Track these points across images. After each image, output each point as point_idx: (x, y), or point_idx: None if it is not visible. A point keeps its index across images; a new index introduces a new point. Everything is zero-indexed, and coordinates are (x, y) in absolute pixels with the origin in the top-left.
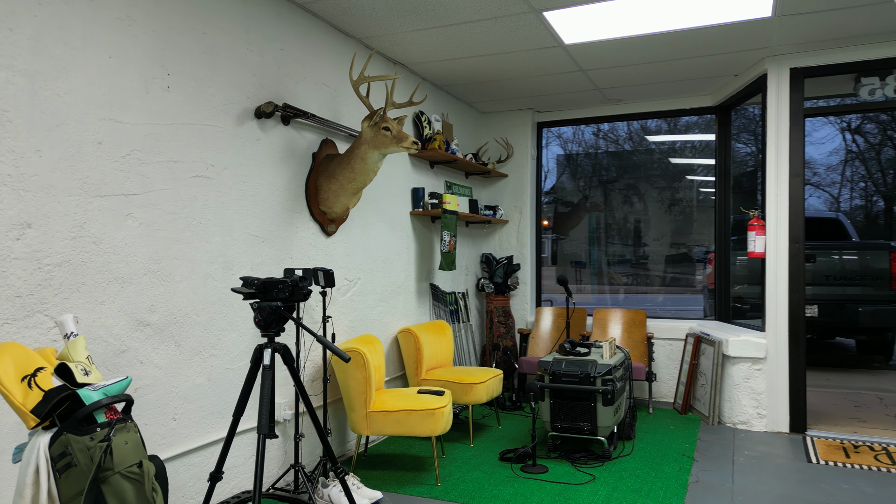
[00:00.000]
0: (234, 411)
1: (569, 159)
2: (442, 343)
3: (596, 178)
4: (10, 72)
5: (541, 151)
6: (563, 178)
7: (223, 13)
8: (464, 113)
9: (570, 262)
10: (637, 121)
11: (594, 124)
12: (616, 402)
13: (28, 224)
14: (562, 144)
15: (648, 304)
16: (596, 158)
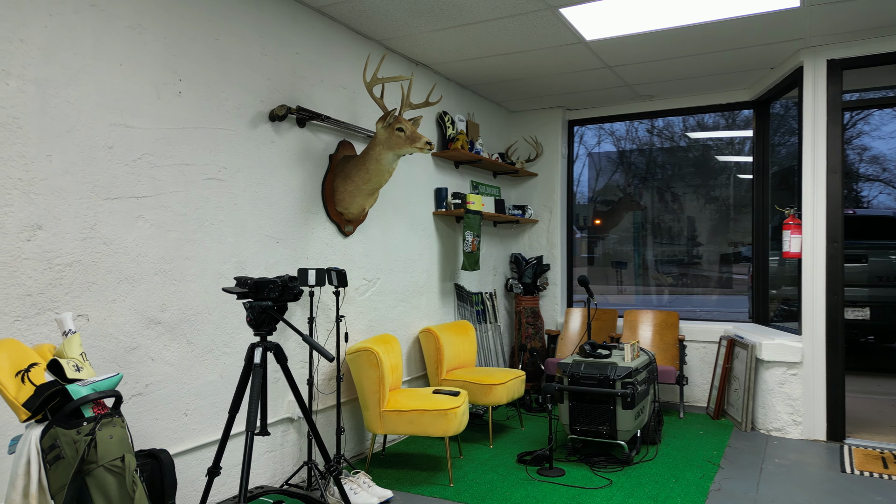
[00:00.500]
0: (230, 408)
1: (622, 157)
2: (464, 343)
3: (639, 175)
4: (21, 80)
5: (572, 150)
6: (616, 177)
7: (236, 19)
8: (492, 112)
9: (612, 262)
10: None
11: (626, 121)
12: (637, 406)
13: (38, 226)
14: (614, 142)
15: (692, 305)
16: (649, 155)
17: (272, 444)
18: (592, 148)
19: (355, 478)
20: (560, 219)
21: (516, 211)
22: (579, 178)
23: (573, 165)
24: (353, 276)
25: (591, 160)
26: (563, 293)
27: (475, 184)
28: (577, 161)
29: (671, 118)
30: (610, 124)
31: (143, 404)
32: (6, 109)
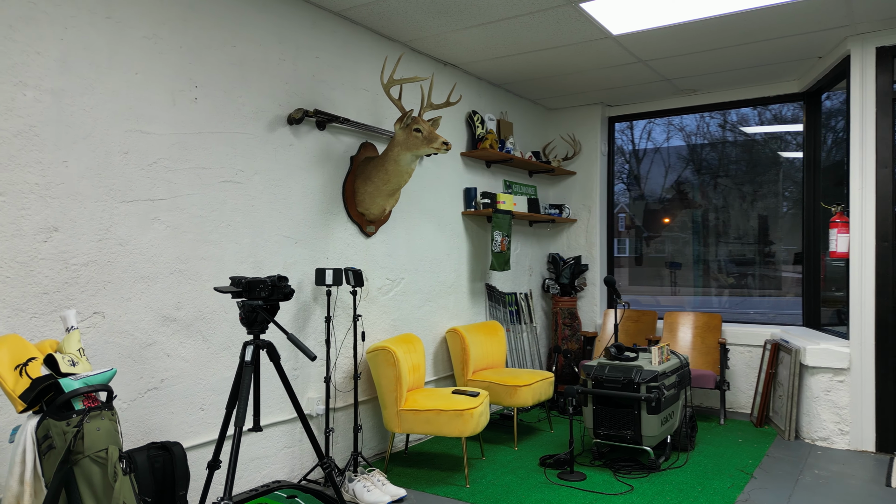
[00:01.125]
0: (227, 404)
1: (692, 152)
2: (493, 344)
3: (708, 171)
4: (37, 91)
5: (612, 147)
6: (687, 173)
7: (254, 25)
8: (527, 110)
9: (665, 262)
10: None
11: (668, 117)
12: (665, 411)
13: (55, 228)
14: (684, 137)
15: (752, 307)
16: (722, 151)
17: (290, 440)
18: (662, 143)
19: (370, 475)
20: (599, 218)
21: (553, 210)
22: (647, 175)
23: (613, 163)
24: (376, 276)
25: (660, 156)
26: (602, 294)
27: (508, 183)
28: (643, 158)
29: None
30: (680, 119)
31: (158, 398)
32: (23, 118)
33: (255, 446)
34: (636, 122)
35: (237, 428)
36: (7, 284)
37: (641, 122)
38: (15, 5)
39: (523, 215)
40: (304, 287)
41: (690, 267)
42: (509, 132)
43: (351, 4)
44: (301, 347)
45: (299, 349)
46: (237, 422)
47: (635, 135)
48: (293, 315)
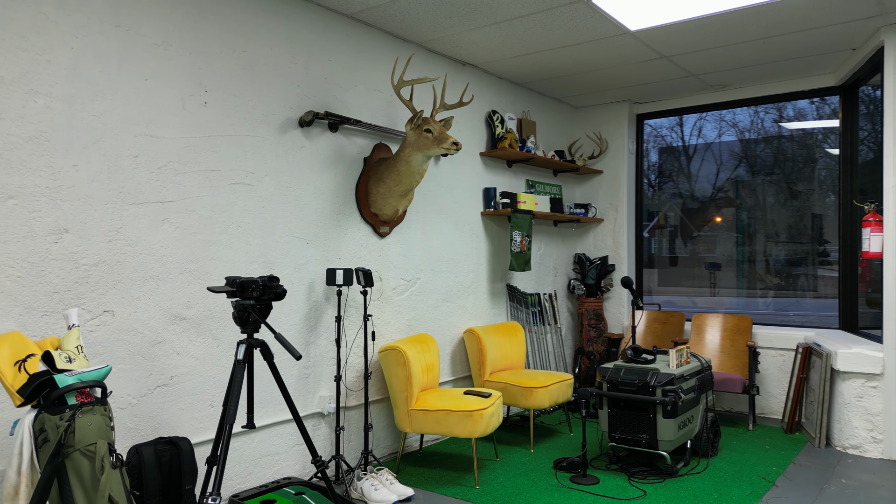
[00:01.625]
0: (224, 401)
1: (746, 148)
2: (512, 345)
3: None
4: (48, 98)
5: (641, 145)
6: (730, 170)
7: (265, 31)
8: (552, 109)
9: (705, 263)
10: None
11: (699, 113)
12: (683, 415)
13: (65, 229)
14: (738, 133)
15: (797, 309)
16: (777, 146)
17: (301, 438)
18: (713, 140)
19: (378, 474)
20: (627, 217)
21: (578, 210)
22: (698, 172)
23: (642, 161)
24: (391, 276)
25: (711, 153)
26: (630, 295)
27: (531, 182)
28: (694, 155)
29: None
30: (732, 114)
31: (167, 394)
32: (34, 125)
33: (266, 443)
34: (687, 117)
35: (226, 425)
36: (19, 283)
37: (692, 118)
38: (26, 16)
39: (546, 215)
40: (315, 287)
41: (733, 267)
42: (531, 131)
43: (363, 7)
44: (287, 347)
45: (285, 348)
46: (227, 419)
47: (685, 131)
48: (304, 314)
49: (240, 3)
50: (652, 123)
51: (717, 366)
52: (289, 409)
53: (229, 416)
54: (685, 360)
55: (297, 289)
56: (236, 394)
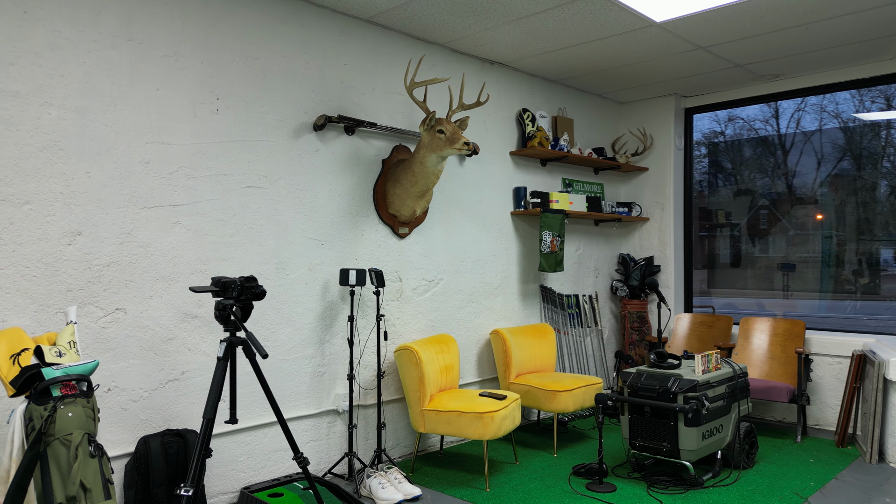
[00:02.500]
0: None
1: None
2: (542, 347)
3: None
4: (61, 110)
5: (689, 140)
6: (844, 164)
7: (278, 38)
8: (593, 105)
9: (778, 265)
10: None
11: (752, 105)
12: (708, 424)
13: (78, 232)
14: (842, 124)
15: (886, 313)
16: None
17: (317, 434)
18: (812, 133)
19: (387, 473)
20: (673, 216)
21: (621, 209)
22: (796, 166)
23: (692, 157)
24: (411, 277)
25: (811, 146)
26: (676, 297)
27: (567, 181)
28: (791, 148)
29: None
30: (835, 104)
31: (179, 389)
32: (48, 135)
33: (279, 438)
34: (785, 106)
35: (205, 420)
36: (34, 283)
37: (789, 106)
38: (41, 34)
39: (582, 214)
40: (330, 287)
41: (810, 267)
42: (567, 129)
43: (377, 10)
44: (255, 345)
45: (254, 346)
46: (206, 413)
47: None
48: (319, 314)
49: (252, 13)
50: (744, 117)
51: (765, 373)
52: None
53: (207, 410)
54: (714, 365)
55: (312, 289)
56: (216, 390)
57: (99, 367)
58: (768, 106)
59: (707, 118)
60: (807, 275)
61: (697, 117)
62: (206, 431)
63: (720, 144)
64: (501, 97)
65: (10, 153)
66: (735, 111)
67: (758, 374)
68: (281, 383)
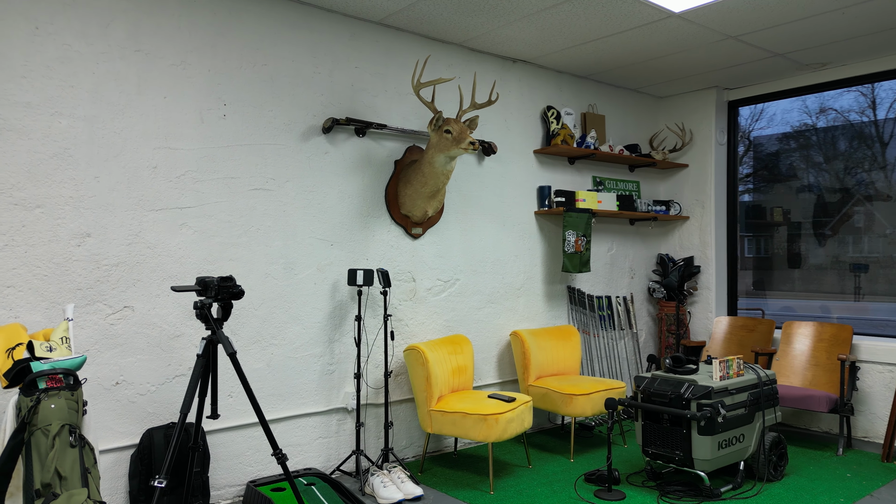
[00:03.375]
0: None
1: None
2: (564, 349)
3: None
4: (71, 119)
5: (733, 135)
6: None
7: (286, 44)
8: (627, 100)
9: (849, 266)
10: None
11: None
12: (724, 433)
13: (87, 234)
14: None
15: None
16: None
17: (327, 431)
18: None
19: (391, 472)
20: (714, 214)
21: (658, 207)
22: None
23: (736, 153)
24: (425, 277)
25: None
26: (718, 299)
27: (598, 179)
28: (890, 141)
29: None
30: None
31: (185, 384)
32: (58, 143)
33: (287, 434)
34: (881, 91)
35: (181, 414)
36: (45, 282)
37: (887, 96)
38: (52, 48)
39: (612, 213)
40: (339, 287)
41: (885, 269)
42: (598, 125)
43: (388, 12)
44: (223, 342)
45: (221, 343)
46: (182, 408)
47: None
48: (328, 313)
49: (261, 20)
50: (838, 108)
51: (807, 380)
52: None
53: (184, 405)
54: (735, 371)
55: (321, 288)
56: (193, 386)
57: (107, 362)
58: (863, 95)
59: (796, 110)
60: (879, 276)
61: (783, 109)
62: (181, 425)
63: (790, 138)
64: (525, 95)
65: (23, 160)
66: (827, 101)
67: (799, 381)
68: (289, 380)
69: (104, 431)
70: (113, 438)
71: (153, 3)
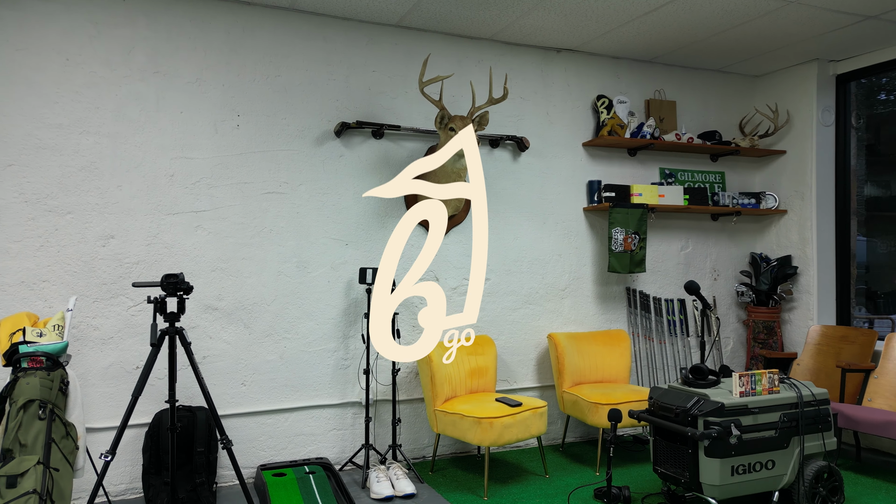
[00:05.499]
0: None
1: None
2: (611, 355)
3: None
4: (97, 136)
5: (845, 113)
6: None
7: (299, 53)
8: (706, 82)
9: None
10: None
11: None
12: (739, 457)
13: (111, 236)
14: None
15: None
16: None
17: (341, 424)
18: None
19: (390, 468)
20: (816, 207)
21: (746, 200)
22: None
23: (849, 134)
24: (449, 276)
25: None
26: (822, 305)
27: (668, 171)
28: None
29: None
30: None
31: (201, 371)
32: (86, 157)
33: (300, 424)
34: None
35: (132, 397)
36: (75, 277)
37: None
38: (80, 75)
39: (678, 208)
40: (354, 285)
41: None
42: (667, 112)
43: (401, 13)
44: (152, 332)
45: (151, 332)
46: (134, 393)
47: None
48: (343, 310)
49: (274, 34)
50: None
51: None
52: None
53: (136, 390)
54: (766, 388)
55: (335, 286)
56: (146, 372)
57: (128, 349)
58: None
59: None
60: None
61: None
62: (130, 407)
63: None
64: (572, 85)
65: (55, 173)
66: None
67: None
68: (302, 372)
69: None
70: (133, 416)
71: (171, 28)
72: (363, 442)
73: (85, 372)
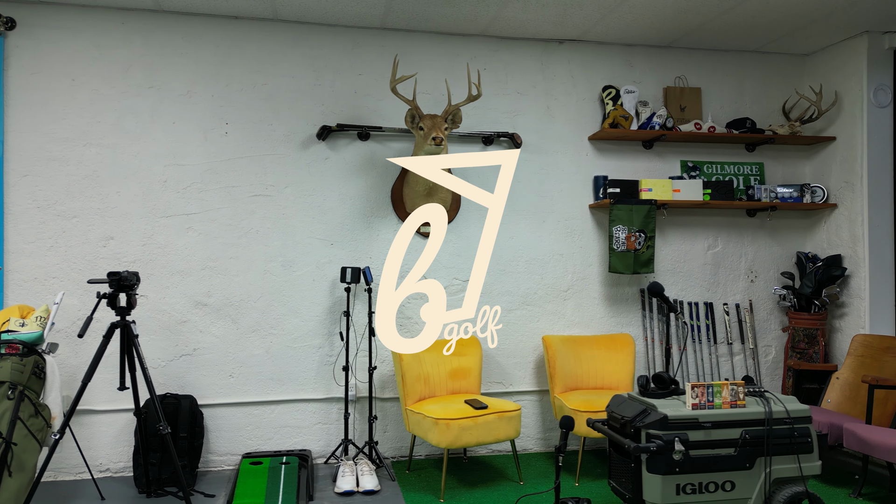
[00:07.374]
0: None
1: None
2: (612, 361)
3: None
4: (98, 147)
5: None
6: None
7: (286, 62)
8: (735, 65)
9: None
10: None
11: None
12: (686, 474)
13: (111, 237)
14: None
15: None
16: None
17: (326, 418)
18: None
19: (357, 464)
20: (868, 201)
21: (787, 193)
22: None
23: None
24: (440, 276)
25: None
26: (877, 312)
27: (691, 164)
28: None
29: None
30: None
31: (191, 363)
32: (89, 167)
33: (285, 416)
34: None
35: (82, 384)
36: (80, 274)
37: None
38: (84, 93)
39: (695, 204)
40: (338, 283)
41: None
42: (690, 100)
43: (378, 16)
44: (84, 325)
45: (82, 327)
46: (84, 379)
47: None
48: (327, 308)
49: (262, 45)
50: None
51: None
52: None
53: (85, 377)
54: (728, 401)
55: (320, 285)
56: (95, 362)
57: None
58: None
59: None
60: None
61: None
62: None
63: None
64: (576, 77)
65: (62, 182)
66: None
67: None
68: (287, 367)
69: (126, 395)
70: (131, 402)
71: (164, 44)
72: (352, 437)
73: (88, 359)
